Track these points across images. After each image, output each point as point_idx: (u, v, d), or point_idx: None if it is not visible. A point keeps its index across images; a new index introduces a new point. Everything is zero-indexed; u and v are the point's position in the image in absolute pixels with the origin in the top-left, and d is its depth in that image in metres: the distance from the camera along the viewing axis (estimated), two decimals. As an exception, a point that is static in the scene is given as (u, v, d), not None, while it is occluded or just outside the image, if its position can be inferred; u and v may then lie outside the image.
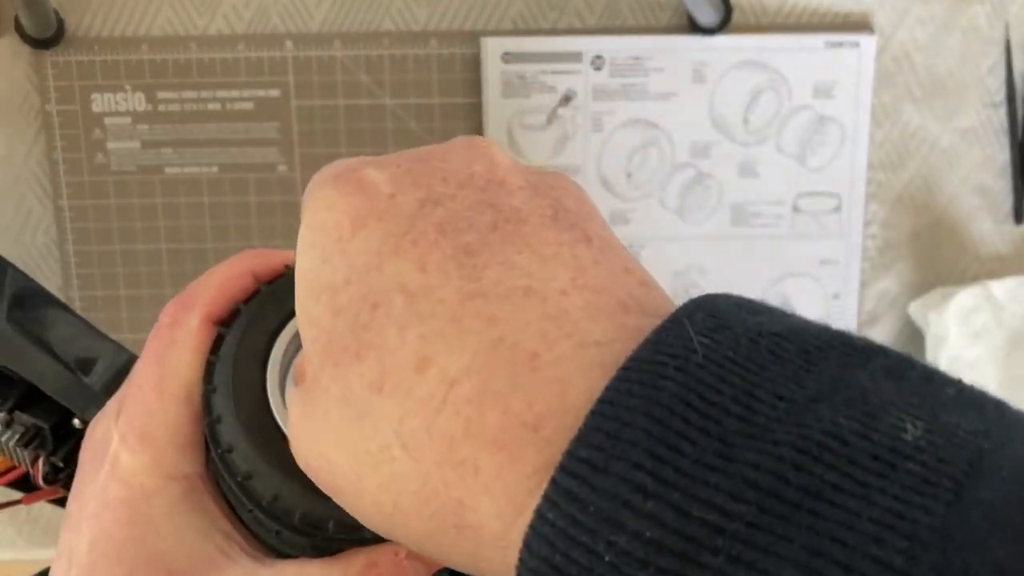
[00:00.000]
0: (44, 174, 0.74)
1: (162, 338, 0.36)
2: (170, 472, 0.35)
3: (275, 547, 0.35)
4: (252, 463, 0.34)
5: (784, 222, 0.76)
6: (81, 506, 0.35)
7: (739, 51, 0.73)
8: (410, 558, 0.33)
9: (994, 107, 0.76)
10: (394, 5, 0.73)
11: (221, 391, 0.35)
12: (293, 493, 0.33)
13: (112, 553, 0.34)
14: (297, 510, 0.33)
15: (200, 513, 0.35)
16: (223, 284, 0.37)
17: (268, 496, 0.33)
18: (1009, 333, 0.76)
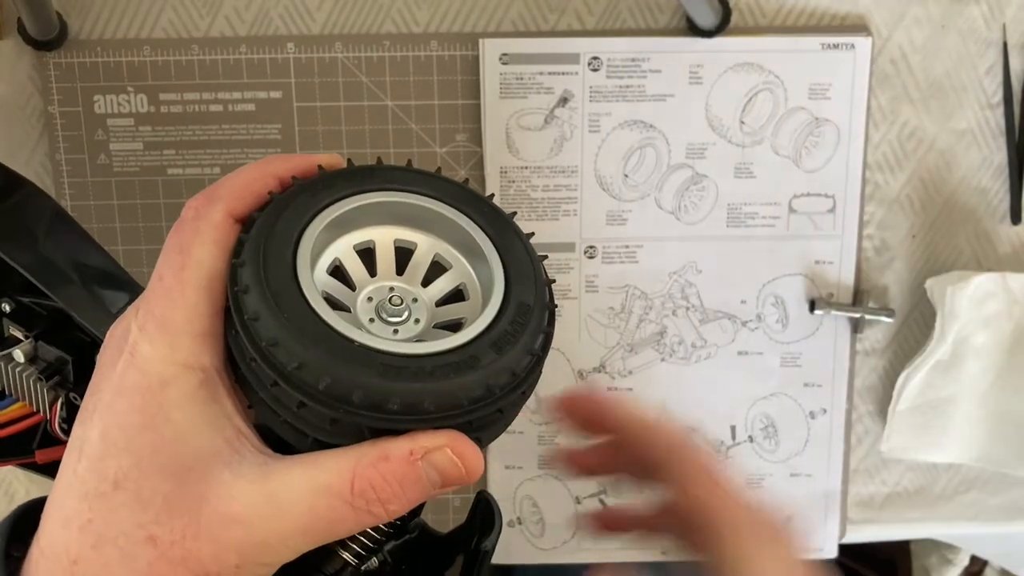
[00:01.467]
0: (47, 175, 0.74)
1: (185, 231, 0.36)
2: (187, 361, 0.34)
3: (293, 424, 0.34)
4: (277, 331, 0.33)
5: (779, 223, 0.76)
6: (96, 399, 0.35)
7: (735, 53, 0.74)
8: (425, 459, 0.33)
9: (991, 108, 0.77)
10: (395, 7, 0.73)
11: (250, 265, 0.34)
12: (319, 361, 0.33)
13: (122, 441, 0.34)
14: (322, 378, 0.33)
15: (214, 405, 0.35)
16: (249, 183, 0.37)
17: (293, 364, 0.33)
18: (1018, 327, 0.77)
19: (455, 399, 0.34)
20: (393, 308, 0.37)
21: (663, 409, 0.79)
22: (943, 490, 0.83)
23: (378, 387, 0.33)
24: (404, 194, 0.38)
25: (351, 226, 0.38)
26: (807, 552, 0.82)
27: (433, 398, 0.33)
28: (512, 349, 0.35)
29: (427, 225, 0.39)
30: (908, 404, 0.77)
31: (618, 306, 0.77)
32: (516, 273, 0.37)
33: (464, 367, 0.34)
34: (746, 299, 0.78)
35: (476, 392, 0.34)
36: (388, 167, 0.39)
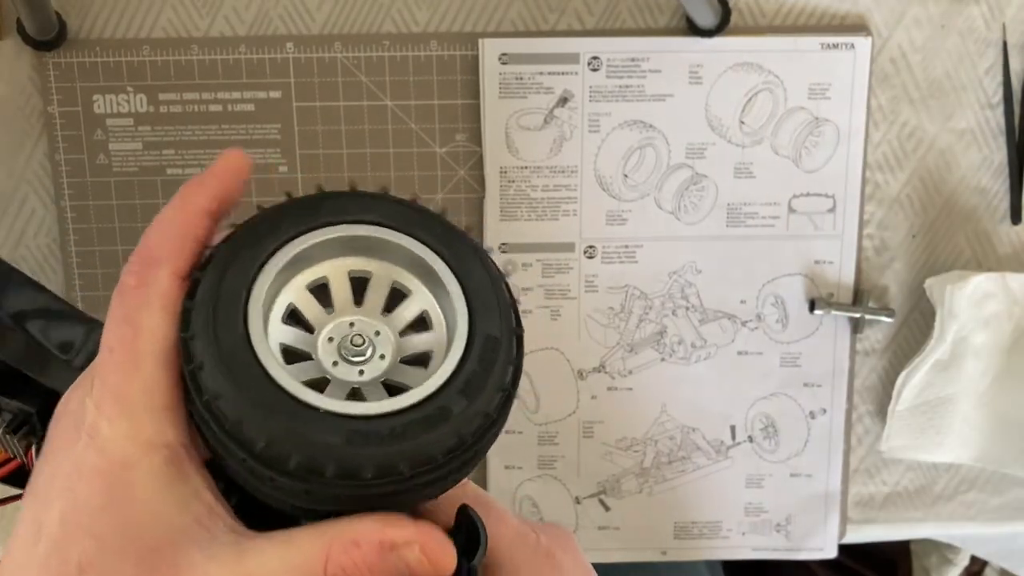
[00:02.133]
0: (46, 175, 0.74)
1: (129, 299, 0.34)
2: (150, 439, 0.33)
3: (269, 494, 0.33)
4: (240, 409, 0.32)
5: (779, 223, 0.76)
6: (51, 477, 0.33)
7: (735, 53, 0.74)
8: (395, 552, 0.33)
9: (991, 108, 0.77)
10: (394, 7, 0.73)
11: (201, 337, 0.33)
12: (286, 437, 0.31)
13: (85, 524, 0.32)
14: (292, 456, 0.32)
15: (181, 483, 0.33)
16: (181, 233, 0.35)
17: (260, 443, 0.32)
18: (1018, 327, 0.77)
19: (429, 455, 0.33)
20: (355, 348, 0.36)
21: (663, 409, 0.79)
22: (943, 490, 0.83)
23: (350, 456, 0.32)
24: (353, 226, 0.37)
25: (301, 265, 0.37)
26: (807, 552, 0.82)
27: (407, 459, 0.32)
28: (482, 392, 0.34)
29: (381, 252, 0.37)
30: (908, 404, 0.77)
31: (618, 306, 0.77)
32: (478, 299, 0.36)
33: (435, 421, 0.33)
34: (746, 299, 0.78)
35: (449, 443, 0.33)
36: (332, 195, 0.38)
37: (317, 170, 0.74)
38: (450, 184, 0.75)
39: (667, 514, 0.81)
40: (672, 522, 0.81)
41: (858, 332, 0.78)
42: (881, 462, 0.81)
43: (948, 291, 0.74)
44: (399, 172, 0.75)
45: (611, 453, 0.79)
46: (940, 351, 0.76)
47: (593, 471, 0.80)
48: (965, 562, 1.04)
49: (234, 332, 0.33)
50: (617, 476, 0.80)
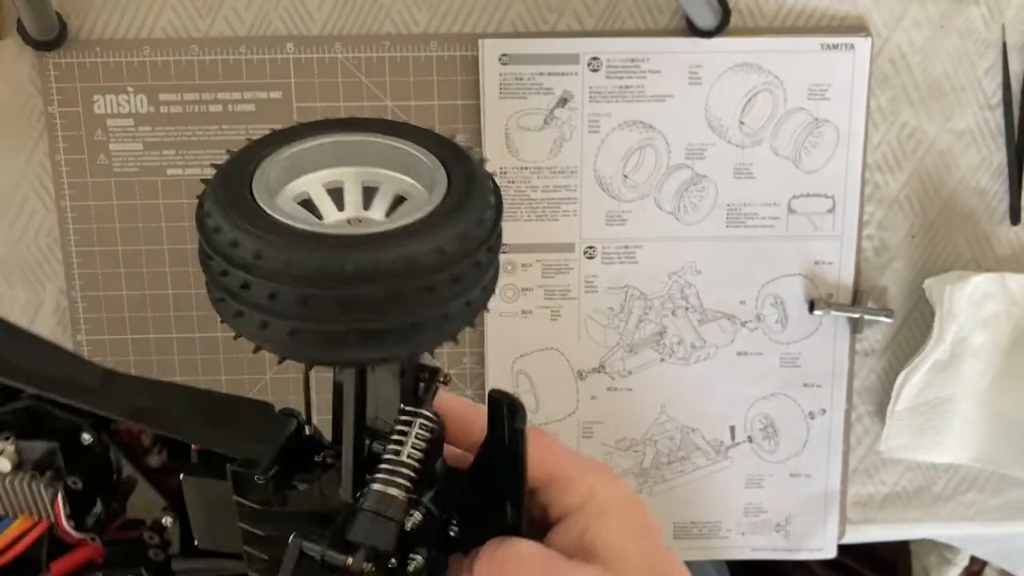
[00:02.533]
0: (47, 175, 0.74)
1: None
2: None
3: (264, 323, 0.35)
4: (238, 233, 0.35)
5: (779, 223, 0.76)
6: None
7: (734, 53, 0.74)
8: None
9: (990, 109, 0.77)
10: (394, 7, 0.73)
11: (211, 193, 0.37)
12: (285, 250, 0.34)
13: None
14: (289, 264, 0.34)
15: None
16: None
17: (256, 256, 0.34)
18: (1017, 328, 0.77)
19: (415, 262, 0.35)
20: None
21: (662, 410, 0.79)
22: (942, 490, 0.83)
23: (337, 258, 0.34)
24: (367, 134, 0.40)
25: (317, 164, 0.39)
26: (806, 552, 0.82)
27: (394, 262, 0.34)
28: (463, 217, 0.36)
29: (393, 164, 0.40)
30: (907, 404, 0.78)
31: (617, 306, 0.77)
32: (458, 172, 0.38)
33: (418, 233, 0.35)
34: (745, 299, 0.78)
35: (432, 256, 0.35)
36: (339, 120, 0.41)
37: (317, 170, 0.74)
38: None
39: (667, 514, 0.81)
40: (672, 522, 0.81)
41: (857, 332, 0.78)
42: (880, 462, 0.82)
43: (947, 291, 0.74)
44: (399, 172, 0.75)
45: (611, 453, 0.80)
46: (939, 351, 0.76)
47: (593, 471, 0.80)
48: (964, 562, 1.04)
49: (240, 183, 0.36)
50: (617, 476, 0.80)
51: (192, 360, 0.77)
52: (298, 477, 0.41)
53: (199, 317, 0.76)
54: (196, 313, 0.76)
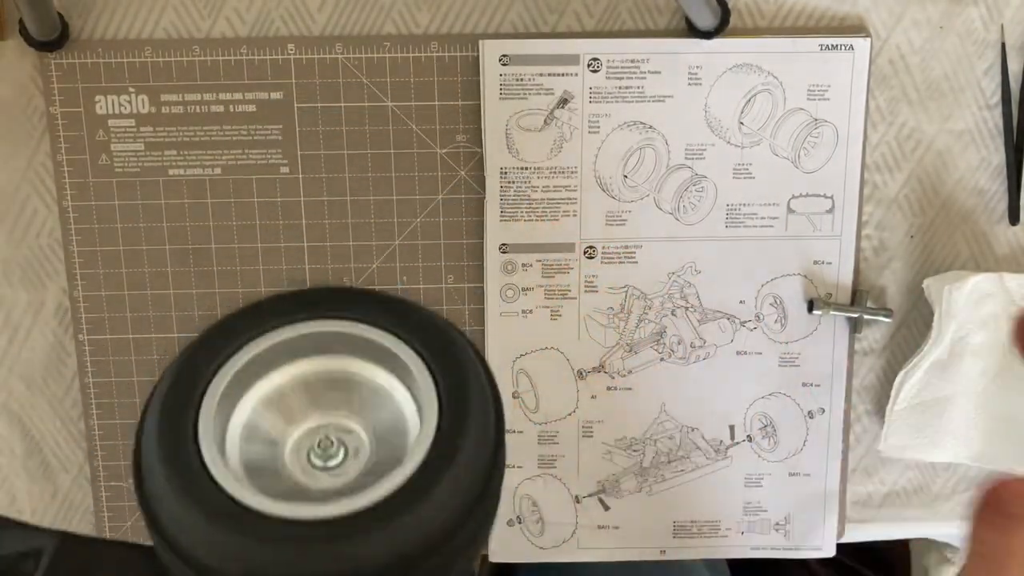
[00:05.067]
0: (48, 176, 0.75)
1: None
2: None
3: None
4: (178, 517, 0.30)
5: (778, 223, 0.77)
6: None
7: (734, 54, 0.74)
8: None
9: (989, 109, 0.77)
10: (395, 8, 0.73)
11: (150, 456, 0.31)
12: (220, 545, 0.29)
13: None
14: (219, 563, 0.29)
15: None
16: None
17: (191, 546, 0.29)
18: (1016, 327, 0.77)
19: (358, 571, 0.29)
20: (324, 452, 0.33)
21: (662, 409, 0.79)
22: (941, 489, 0.83)
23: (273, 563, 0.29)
24: (311, 323, 0.34)
25: (251, 379, 0.34)
26: (806, 551, 0.82)
27: (337, 572, 0.29)
28: (431, 513, 0.30)
29: (335, 348, 0.34)
30: (906, 404, 0.78)
31: (617, 306, 0.78)
32: (451, 395, 0.32)
33: (368, 536, 0.29)
34: (745, 299, 0.78)
35: (378, 563, 0.29)
36: (267, 300, 0.35)
37: (319, 171, 0.75)
38: (450, 185, 0.75)
39: (666, 513, 0.81)
40: (671, 521, 0.81)
41: (857, 332, 0.79)
42: (879, 461, 0.82)
43: (946, 291, 0.75)
44: (400, 173, 0.75)
45: (611, 452, 0.80)
46: (938, 351, 0.76)
47: (593, 470, 0.80)
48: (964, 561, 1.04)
49: (187, 460, 0.31)
50: (617, 475, 0.80)
51: (193, 360, 0.77)
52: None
53: (200, 317, 0.76)
54: (198, 313, 0.76)
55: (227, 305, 0.76)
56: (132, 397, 0.77)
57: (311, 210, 0.75)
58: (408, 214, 0.76)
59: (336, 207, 0.75)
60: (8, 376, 0.78)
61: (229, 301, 0.76)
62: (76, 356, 0.77)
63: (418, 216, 0.76)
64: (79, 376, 0.77)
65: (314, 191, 0.75)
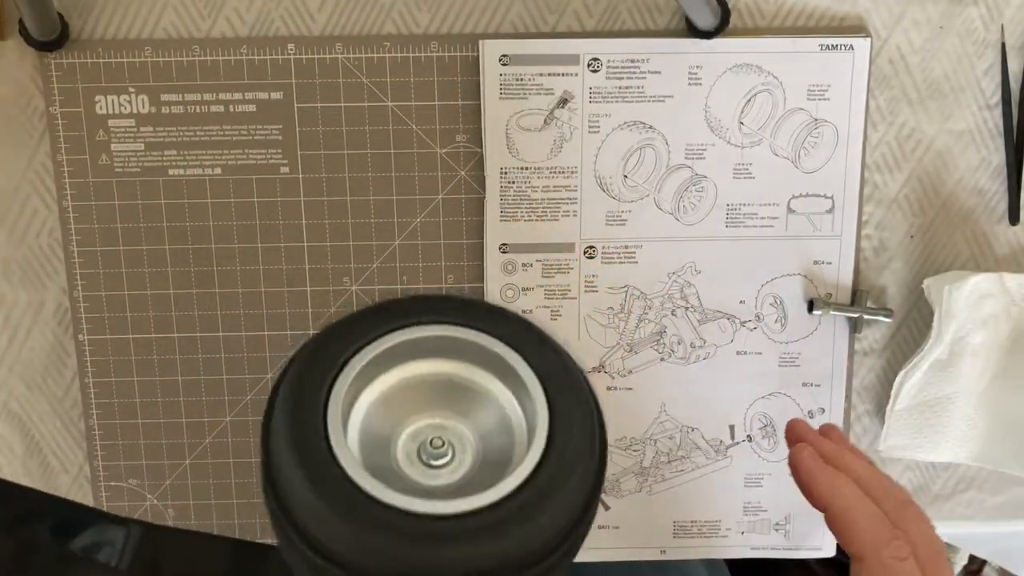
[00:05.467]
0: (48, 176, 0.75)
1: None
2: None
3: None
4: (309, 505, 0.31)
5: (778, 223, 0.77)
6: None
7: (734, 54, 0.74)
8: None
9: (989, 109, 0.77)
10: (395, 8, 0.73)
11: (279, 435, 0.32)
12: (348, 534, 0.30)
13: None
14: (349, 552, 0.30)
15: None
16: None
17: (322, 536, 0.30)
18: (1016, 327, 0.77)
19: (481, 569, 0.31)
20: (435, 451, 0.34)
21: (662, 409, 0.79)
22: (941, 489, 0.83)
23: (403, 557, 0.30)
24: (437, 326, 0.35)
25: (379, 370, 0.35)
26: (805, 551, 0.82)
27: (459, 568, 0.30)
28: (546, 513, 0.32)
29: (458, 353, 0.36)
30: (906, 404, 0.78)
31: (617, 306, 0.78)
32: (560, 405, 0.34)
33: (491, 533, 0.31)
34: (745, 299, 0.78)
35: (500, 561, 0.31)
36: (398, 300, 0.36)
37: (319, 171, 0.75)
38: (450, 185, 0.75)
39: (666, 513, 0.81)
40: (671, 521, 0.81)
41: (857, 332, 0.79)
42: (880, 461, 0.82)
43: (946, 291, 0.75)
44: (400, 173, 0.75)
45: (610, 453, 0.80)
46: (938, 351, 0.76)
47: (593, 470, 0.80)
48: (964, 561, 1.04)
49: (315, 442, 0.32)
50: (617, 475, 0.80)
51: (194, 360, 0.77)
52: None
53: (200, 317, 0.77)
54: (198, 313, 0.76)
55: (227, 305, 0.77)
56: (132, 397, 0.77)
57: (311, 210, 0.75)
58: (408, 214, 0.76)
59: (336, 207, 0.75)
60: (8, 376, 0.78)
61: (229, 301, 0.76)
62: (76, 356, 0.77)
63: (418, 216, 0.76)
64: (79, 376, 0.77)
65: (314, 191, 0.75)
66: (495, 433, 0.35)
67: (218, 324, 0.77)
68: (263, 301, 0.76)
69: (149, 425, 0.78)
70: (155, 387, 0.77)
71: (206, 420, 0.78)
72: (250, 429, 0.78)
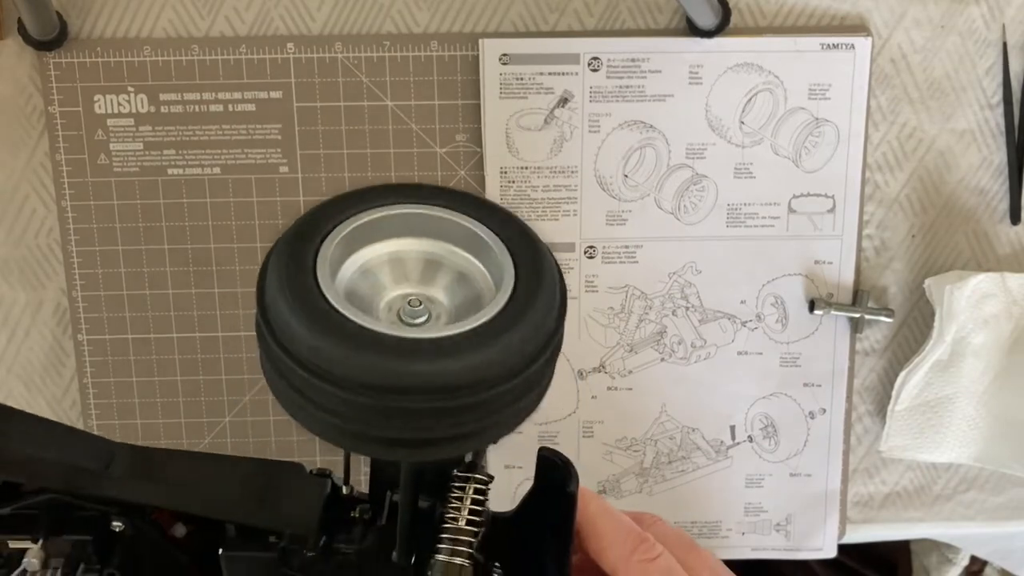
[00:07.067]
0: (47, 175, 0.74)
1: None
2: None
3: (316, 417, 0.34)
4: (295, 323, 0.34)
5: (779, 223, 0.77)
6: None
7: (735, 53, 0.74)
8: None
9: (991, 108, 0.77)
10: (395, 7, 0.73)
11: (274, 269, 0.35)
12: (336, 349, 0.33)
13: None
14: (341, 365, 0.33)
15: None
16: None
17: (311, 351, 0.33)
18: (1017, 327, 0.77)
19: (477, 376, 0.34)
20: (413, 309, 0.37)
21: (663, 409, 0.79)
22: (942, 490, 0.83)
23: (397, 368, 0.33)
24: (416, 206, 0.39)
25: (379, 235, 0.38)
26: (806, 552, 0.82)
27: (454, 376, 0.33)
28: (530, 321, 0.35)
29: (440, 233, 0.39)
30: (907, 404, 0.78)
31: (618, 306, 0.77)
32: (525, 267, 0.38)
33: (484, 342, 0.34)
34: (746, 299, 0.78)
35: (497, 368, 0.34)
36: (395, 185, 0.40)
37: (318, 170, 0.74)
38: (450, 184, 0.75)
39: (667, 514, 0.81)
40: (672, 522, 0.81)
41: (858, 332, 0.79)
42: (880, 462, 0.82)
43: (947, 291, 0.74)
44: (399, 172, 0.75)
45: (611, 453, 0.80)
46: (939, 351, 0.76)
47: (593, 471, 0.80)
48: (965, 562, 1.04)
49: (303, 267, 0.35)
50: (617, 476, 0.80)
51: (192, 359, 0.77)
52: (341, 538, 0.41)
53: (199, 316, 0.76)
54: (196, 313, 0.76)
55: (226, 305, 0.76)
56: (131, 397, 0.77)
57: (310, 210, 0.75)
58: (408, 214, 0.75)
59: (336, 207, 0.75)
60: (7, 376, 0.77)
61: (228, 301, 0.76)
62: (75, 356, 0.77)
63: (418, 216, 0.76)
64: (78, 376, 0.77)
65: (313, 190, 0.75)
66: (468, 302, 0.38)
67: (217, 324, 0.77)
68: (262, 301, 0.76)
69: (148, 425, 0.78)
70: (154, 387, 0.77)
71: (205, 420, 0.78)
72: (249, 429, 0.78)
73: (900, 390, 0.77)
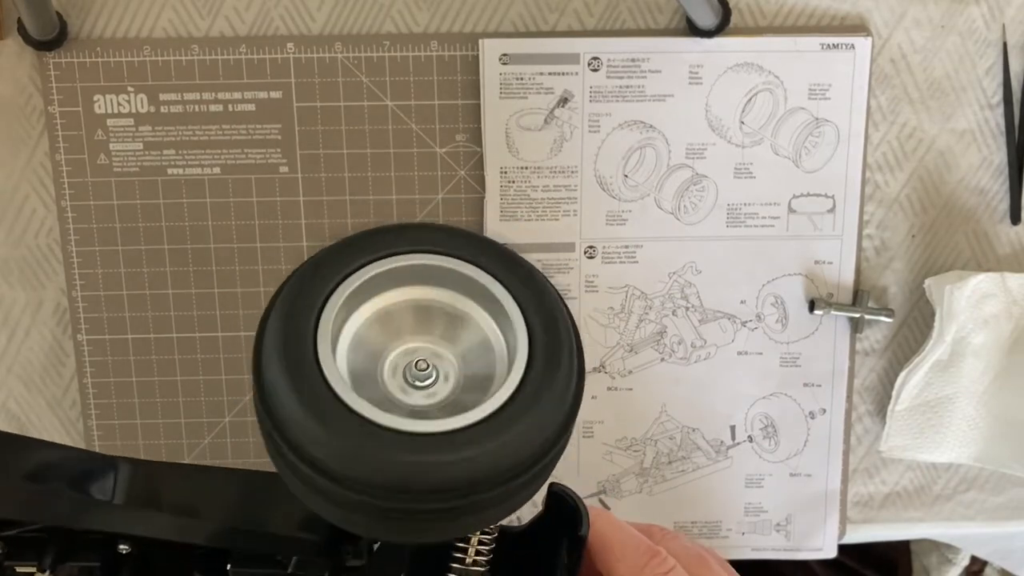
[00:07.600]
0: (47, 175, 0.74)
1: None
2: None
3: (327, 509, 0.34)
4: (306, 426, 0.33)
5: (779, 223, 0.77)
6: None
7: (735, 53, 0.74)
8: None
9: (991, 108, 0.77)
10: (395, 7, 0.73)
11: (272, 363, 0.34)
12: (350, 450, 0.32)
13: None
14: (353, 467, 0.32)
15: None
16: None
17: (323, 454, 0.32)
18: (1017, 327, 0.77)
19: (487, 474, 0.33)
20: (420, 372, 0.36)
21: (663, 409, 0.79)
22: (942, 490, 0.83)
23: (407, 468, 0.32)
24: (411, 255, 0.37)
25: (364, 296, 0.37)
26: (806, 552, 0.82)
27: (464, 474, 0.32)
28: (542, 412, 0.34)
29: (440, 280, 0.38)
30: (907, 404, 0.78)
31: (618, 306, 0.77)
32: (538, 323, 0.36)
33: (493, 439, 0.33)
34: (746, 299, 0.78)
35: (506, 462, 0.33)
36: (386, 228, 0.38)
37: (318, 170, 0.74)
38: (450, 184, 0.75)
39: (667, 514, 0.81)
40: (672, 522, 0.81)
41: (858, 332, 0.79)
42: (881, 462, 0.82)
43: (947, 291, 0.74)
44: (399, 172, 0.75)
45: (611, 453, 0.80)
46: (939, 351, 0.76)
47: (593, 471, 0.80)
48: (965, 562, 1.04)
49: (304, 357, 0.34)
50: (617, 476, 0.80)
51: (192, 360, 0.77)
52: (348, 549, 0.41)
53: (199, 317, 0.76)
54: (196, 313, 0.76)
55: (226, 305, 0.76)
56: (131, 397, 0.77)
57: (310, 210, 0.75)
58: (408, 214, 0.75)
59: (336, 207, 0.75)
60: (7, 376, 0.77)
61: (228, 301, 0.76)
62: (75, 356, 0.77)
63: (418, 215, 0.76)
64: (77, 376, 0.77)
65: (313, 191, 0.75)
66: (476, 356, 0.37)
67: (217, 324, 0.77)
68: (262, 301, 0.76)
69: (148, 425, 0.78)
70: (154, 387, 0.77)
71: (205, 421, 0.78)
72: (249, 430, 0.78)
73: (900, 390, 0.77)
